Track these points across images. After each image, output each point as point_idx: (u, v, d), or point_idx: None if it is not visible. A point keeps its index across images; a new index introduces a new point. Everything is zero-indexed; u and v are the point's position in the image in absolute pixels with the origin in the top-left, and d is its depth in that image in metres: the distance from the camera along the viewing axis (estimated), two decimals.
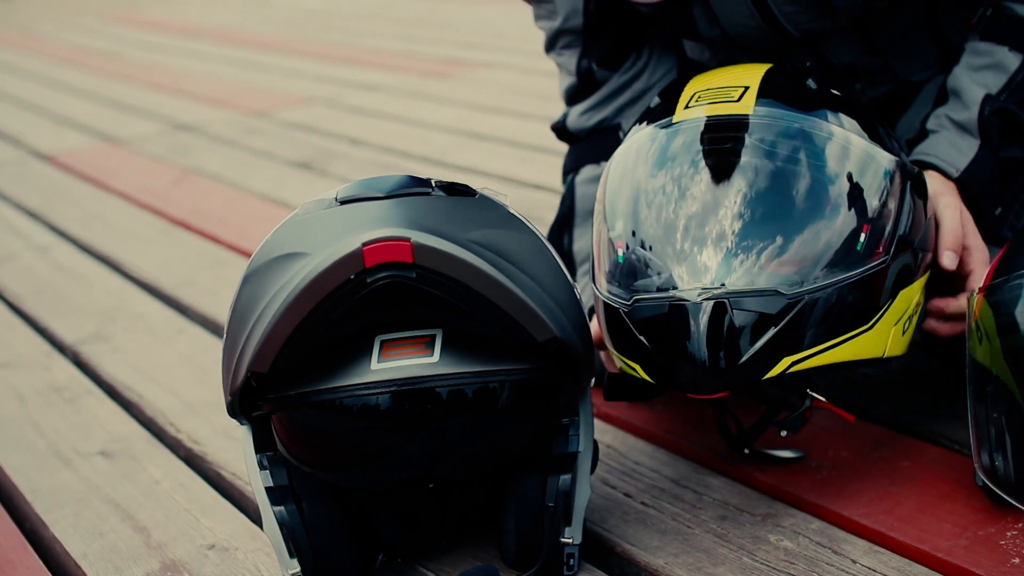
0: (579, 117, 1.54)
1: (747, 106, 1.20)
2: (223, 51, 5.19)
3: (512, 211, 1.10)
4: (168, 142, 3.45)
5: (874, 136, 1.23)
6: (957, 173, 1.32)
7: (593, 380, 1.16)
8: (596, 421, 1.36)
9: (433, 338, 1.06)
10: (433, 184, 1.07)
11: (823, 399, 1.25)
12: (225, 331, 1.10)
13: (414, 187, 1.06)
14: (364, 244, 0.99)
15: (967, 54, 1.36)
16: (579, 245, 1.51)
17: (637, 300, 1.16)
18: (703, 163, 1.19)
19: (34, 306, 2.18)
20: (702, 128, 1.21)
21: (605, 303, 1.21)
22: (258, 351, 1.03)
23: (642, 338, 1.15)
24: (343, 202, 1.05)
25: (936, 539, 1.15)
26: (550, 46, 1.56)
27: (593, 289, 1.25)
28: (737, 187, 1.17)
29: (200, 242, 2.46)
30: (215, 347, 1.84)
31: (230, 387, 1.09)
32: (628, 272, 1.20)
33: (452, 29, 5.13)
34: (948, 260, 1.25)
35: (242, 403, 1.10)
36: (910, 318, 1.23)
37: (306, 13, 6.17)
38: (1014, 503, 1.14)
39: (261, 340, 1.03)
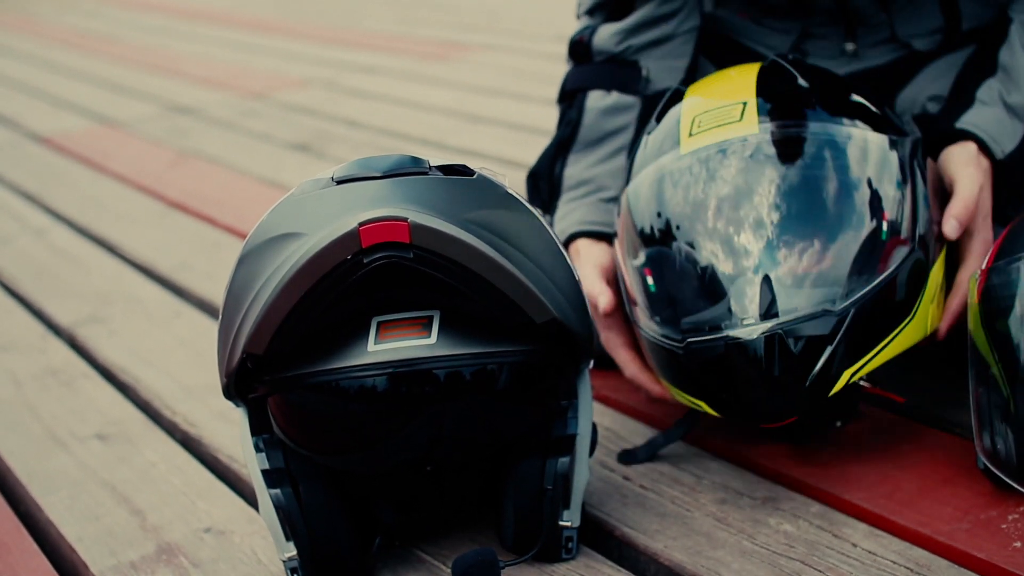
0: (609, 38, 1.50)
1: (751, 125, 1.20)
2: (221, 33, 5.17)
3: (511, 191, 1.09)
4: (165, 124, 3.44)
5: (879, 121, 1.24)
6: (1003, 155, 1.29)
7: (592, 362, 1.16)
8: (595, 404, 1.36)
9: (430, 319, 1.05)
10: (430, 164, 1.06)
11: (869, 385, 1.25)
12: (220, 313, 1.09)
13: (411, 167, 1.04)
14: (361, 224, 0.98)
15: (1018, 27, 1.34)
16: (571, 171, 1.49)
17: (691, 342, 1.16)
18: (725, 188, 1.19)
19: (30, 289, 2.17)
20: (713, 155, 1.21)
21: (653, 343, 1.22)
22: (254, 333, 1.02)
23: (703, 379, 1.17)
24: (339, 182, 1.04)
25: (937, 523, 1.15)
26: None
27: (635, 326, 1.26)
28: (763, 207, 1.18)
29: (197, 225, 2.46)
30: (212, 330, 1.83)
31: (226, 369, 1.08)
32: (665, 302, 1.22)
33: (451, 11, 5.11)
34: (950, 228, 1.22)
35: (238, 385, 1.09)
36: (940, 289, 1.24)
37: None
38: (1016, 486, 1.13)
39: (257, 322, 1.02)
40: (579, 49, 1.54)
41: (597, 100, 1.49)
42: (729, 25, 1.57)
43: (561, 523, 1.14)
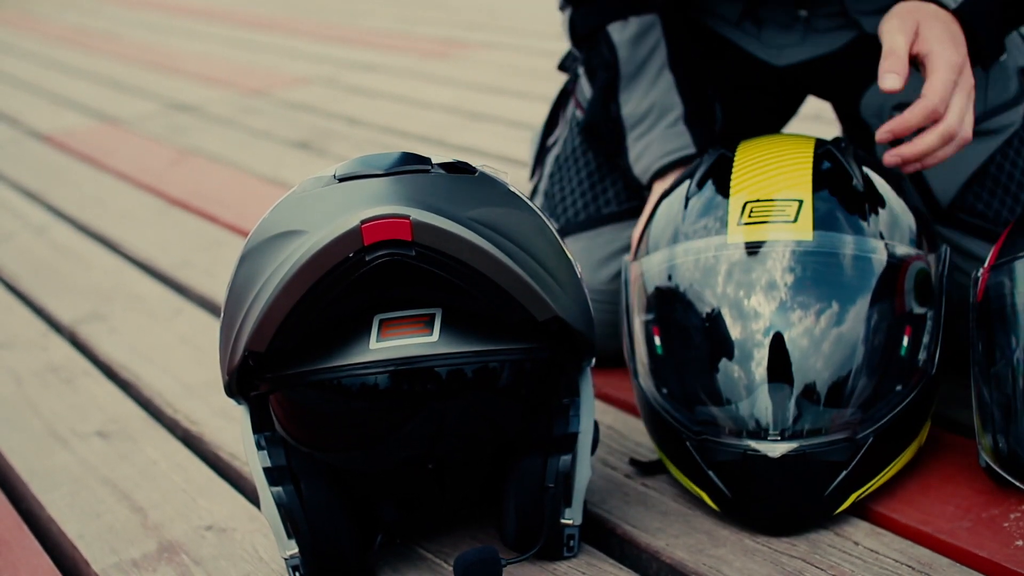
0: None
1: (806, 230, 1.19)
2: (221, 30, 5.17)
3: (512, 189, 1.09)
4: (166, 122, 3.44)
5: (920, 228, 1.25)
6: (955, 4, 1.22)
7: (594, 360, 1.15)
8: (596, 401, 1.36)
9: (432, 317, 1.05)
10: (432, 161, 1.06)
11: None
12: (222, 310, 1.09)
13: (413, 164, 1.04)
14: (363, 222, 0.98)
15: None
16: (628, 108, 1.47)
17: (707, 440, 1.17)
18: (763, 290, 1.18)
19: (31, 286, 2.17)
20: (762, 252, 1.19)
21: (658, 414, 1.22)
22: (255, 330, 1.02)
23: (711, 473, 1.17)
24: (341, 179, 1.04)
25: (938, 521, 1.15)
26: None
27: (636, 386, 1.26)
28: (797, 319, 1.17)
29: (198, 222, 2.46)
30: (213, 327, 1.83)
31: (227, 367, 1.08)
32: (672, 372, 1.22)
33: (451, 9, 5.11)
34: (889, 82, 1.17)
35: (239, 383, 1.09)
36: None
37: None
38: (1018, 484, 1.13)
39: (259, 319, 1.02)
40: None
41: (620, 32, 1.47)
42: None
43: (563, 521, 1.14)
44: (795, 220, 1.19)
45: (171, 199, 2.64)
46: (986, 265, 1.18)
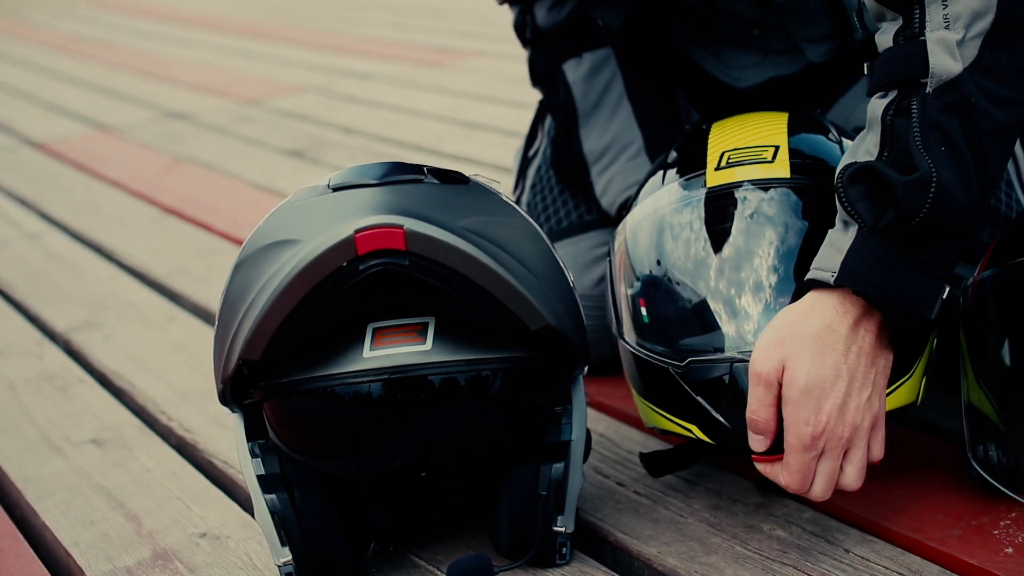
0: (548, 13, 1.51)
1: (783, 168, 1.19)
2: (215, 39, 5.18)
3: (505, 198, 1.10)
4: (160, 130, 3.44)
5: None
6: (833, 277, 1.06)
7: (586, 368, 1.16)
8: (589, 410, 1.36)
9: (426, 326, 1.05)
10: (426, 171, 1.06)
11: None
12: (217, 319, 1.09)
13: (407, 174, 1.05)
14: (357, 231, 0.98)
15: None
16: (590, 145, 1.49)
17: (692, 362, 1.15)
18: (746, 227, 1.17)
19: (25, 294, 2.17)
20: (740, 193, 1.19)
21: (641, 360, 1.20)
22: (250, 339, 1.03)
23: (701, 400, 1.15)
24: (335, 189, 1.05)
25: (929, 529, 1.15)
26: None
27: (622, 344, 1.24)
28: (782, 251, 1.16)
29: (192, 230, 2.46)
30: (207, 335, 1.84)
31: (221, 375, 1.08)
32: (659, 330, 1.20)
33: (445, 18, 5.11)
34: (754, 445, 1.10)
35: (233, 391, 1.10)
36: (928, 362, 1.21)
37: (298, 0, 6.15)
38: (1008, 493, 1.14)
39: (253, 328, 1.02)
40: (535, 34, 1.55)
41: (574, 71, 1.49)
42: None
43: (555, 529, 1.14)
44: (772, 160, 1.20)
45: (165, 207, 2.64)
46: (976, 274, 1.19)
